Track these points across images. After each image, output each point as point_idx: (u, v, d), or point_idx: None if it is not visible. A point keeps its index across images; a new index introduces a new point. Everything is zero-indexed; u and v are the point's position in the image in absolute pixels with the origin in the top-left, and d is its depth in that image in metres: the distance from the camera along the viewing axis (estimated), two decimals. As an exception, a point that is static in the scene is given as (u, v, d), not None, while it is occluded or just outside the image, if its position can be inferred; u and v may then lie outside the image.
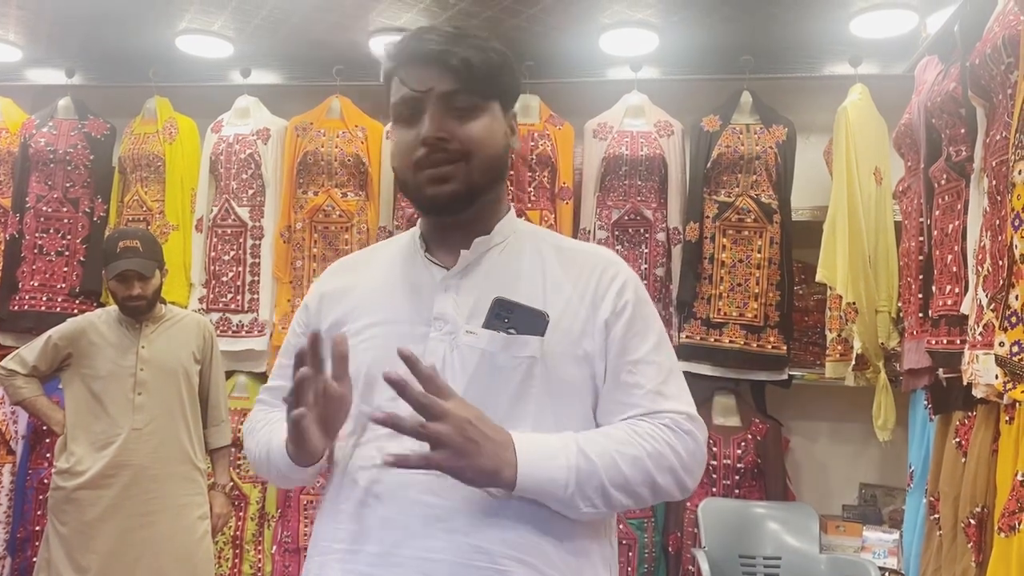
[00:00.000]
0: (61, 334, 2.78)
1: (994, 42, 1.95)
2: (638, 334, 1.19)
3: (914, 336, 2.61)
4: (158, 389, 2.75)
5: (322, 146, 3.53)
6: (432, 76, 1.15)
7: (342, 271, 1.34)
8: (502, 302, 1.14)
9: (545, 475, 1.07)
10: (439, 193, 1.16)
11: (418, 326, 1.18)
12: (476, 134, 1.17)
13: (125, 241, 2.73)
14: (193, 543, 2.79)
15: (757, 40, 3.32)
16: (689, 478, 1.16)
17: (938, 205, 2.40)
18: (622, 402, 1.17)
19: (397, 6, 3.14)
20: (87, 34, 3.56)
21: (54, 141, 3.69)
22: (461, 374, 1.13)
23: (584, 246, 1.31)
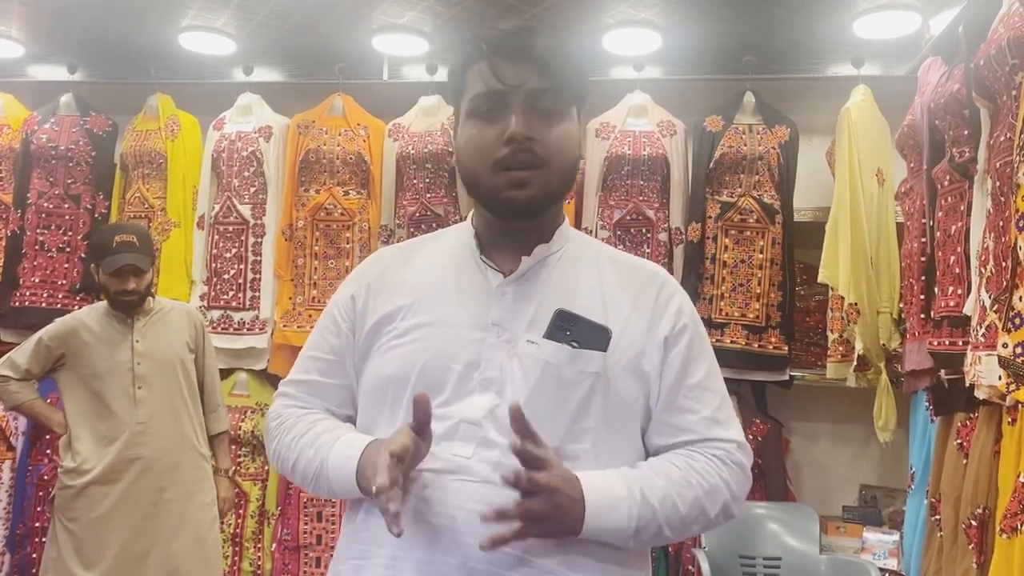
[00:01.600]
0: (52, 335, 2.76)
1: (999, 43, 1.94)
2: (696, 358, 1.18)
3: (916, 337, 2.60)
4: (158, 382, 2.76)
5: (324, 144, 3.53)
6: (523, 72, 1.11)
7: (388, 263, 1.27)
8: (564, 314, 1.11)
9: (609, 526, 1.06)
10: (518, 198, 1.12)
11: (473, 330, 1.13)
12: (560, 139, 1.13)
13: (121, 236, 2.71)
14: (203, 530, 2.82)
15: (760, 40, 3.32)
16: (736, 508, 1.16)
17: (941, 206, 2.40)
18: (676, 426, 1.16)
19: (400, 4, 3.14)
20: (89, 30, 3.56)
21: (56, 137, 3.69)
22: (523, 384, 1.10)
23: (637, 260, 1.28)
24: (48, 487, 3.47)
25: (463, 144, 1.17)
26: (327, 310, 1.29)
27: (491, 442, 1.08)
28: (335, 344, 1.24)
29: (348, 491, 1.12)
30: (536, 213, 1.16)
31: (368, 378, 1.19)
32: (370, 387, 1.19)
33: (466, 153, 1.16)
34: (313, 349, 1.27)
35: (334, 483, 1.13)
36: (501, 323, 1.13)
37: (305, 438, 1.19)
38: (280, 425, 1.24)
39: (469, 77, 1.15)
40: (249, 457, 3.53)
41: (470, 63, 1.15)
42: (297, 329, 3.51)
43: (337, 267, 3.53)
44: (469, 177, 1.17)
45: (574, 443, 1.09)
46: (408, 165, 3.48)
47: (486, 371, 1.11)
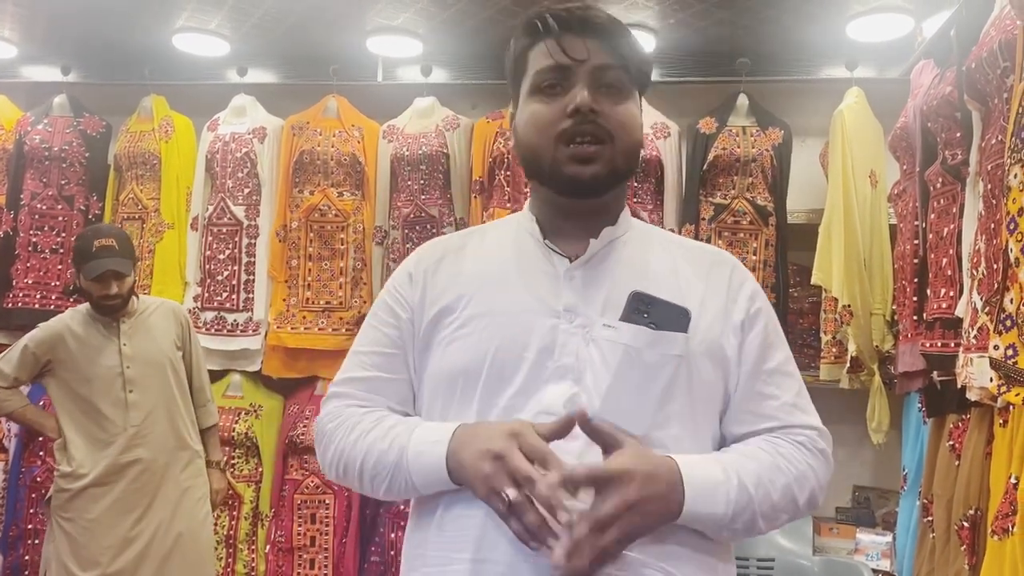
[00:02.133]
0: (37, 342, 2.75)
1: (990, 46, 1.95)
2: (772, 343, 1.15)
3: (908, 339, 2.61)
4: (148, 384, 2.77)
5: (318, 145, 3.53)
6: (590, 46, 1.10)
7: (445, 251, 1.22)
8: (640, 296, 1.07)
9: (707, 511, 1.02)
10: (581, 173, 1.09)
11: (543, 317, 1.09)
12: (624, 117, 1.11)
13: (100, 240, 2.69)
14: (197, 525, 2.85)
15: (754, 43, 3.33)
16: (821, 495, 1.13)
17: (933, 208, 2.41)
18: (757, 413, 1.13)
19: (394, 6, 3.13)
20: (83, 31, 3.55)
21: (49, 138, 3.68)
22: (603, 370, 1.05)
23: (702, 244, 1.27)
24: (41, 489, 3.46)
25: (524, 120, 1.14)
26: (380, 302, 1.22)
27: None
28: (394, 336, 1.18)
29: (432, 482, 1.06)
30: (600, 191, 1.12)
31: (433, 372, 1.14)
32: (436, 381, 1.13)
33: (527, 128, 1.13)
34: (369, 344, 1.20)
35: (415, 474, 1.06)
36: (573, 308, 1.09)
37: (374, 432, 1.12)
38: (340, 425, 1.16)
39: (532, 56, 1.14)
40: (243, 459, 3.52)
41: (533, 43, 1.14)
42: (291, 330, 3.50)
43: (331, 268, 3.53)
44: (529, 153, 1.13)
45: (661, 430, 1.05)
46: (402, 166, 3.48)
47: (561, 358, 1.07)
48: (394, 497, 1.14)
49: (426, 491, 1.08)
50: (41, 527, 3.47)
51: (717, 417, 1.13)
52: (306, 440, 3.42)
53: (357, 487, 1.15)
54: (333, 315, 3.51)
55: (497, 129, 3.47)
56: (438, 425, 1.09)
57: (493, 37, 3.36)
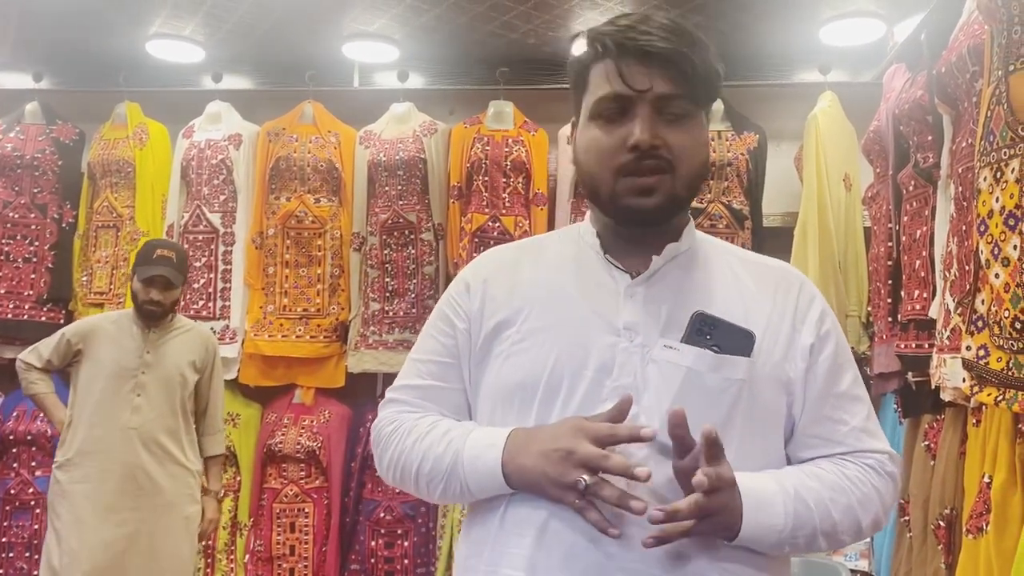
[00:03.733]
0: (75, 331, 2.93)
1: (959, 51, 1.98)
2: (841, 366, 1.12)
3: (884, 340, 2.64)
4: (156, 393, 2.86)
5: (295, 151, 3.51)
6: (653, 75, 1.05)
7: (503, 262, 1.20)
8: (704, 317, 1.04)
9: (767, 521, 1.00)
10: (642, 206, 1.06)
11: (603, 334, 1.06)
12: (687, 144, 1.07)
13: (163, 250, 2.90)
14: (174, 541, 2.87)
15: (728, 48, 3.35)
16: (886, 519, 1.11)
17: (906, 211, 2.44)
18: (825, 438, 1.10)
19: (370, 12, 3.13)
20: (55, 38, 3.52)
21: (21, 146, 3.64)
22: (664, 392, 1.03)
23: (770, 260, 1.21)
24: (14, 502, 3.44)
25: (584, 146, 1.11)
26: (437, 310, 1.21)
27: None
28: (450, 345, 1.17)
29: (487, 487, 1.05)
30: (660, 221, 1.10)
31: (489, 385, 1.12)
32: (493, 394, 1.12)
33: (586, 156, 1.10)
34: (426, 352, 1.19)
35: (470, 478, 1.05)
36: (633, 327, 1.06)
37: (430, 436, 1.11)
38: (397, 429, 1.15)
39: (593, 75, 1.10)
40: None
41: (595, 59, 1.09)
42: (268, 338, 3.48)
43: (308, 275, 3.51)
44: (588, 180, 1.11)
45: None
46: (380, 172, 3.48)
47: (620, 378, 1.04)
48: (449, 501, 1.13)
49: (481, 495, 1.08)
50: (15, 539, 3.43)
51: (780, 441, 1.11)
52: (284, 448, 3.40)
53: (414, 491, 1.15)
54: (311, 322, 3.49)
55: (475, 134, 3.47)
56: (493, 430, 1.08)
57: (469, 42, 3.37)
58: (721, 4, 3.00)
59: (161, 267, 2.82)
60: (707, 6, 3.02)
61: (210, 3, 3.11)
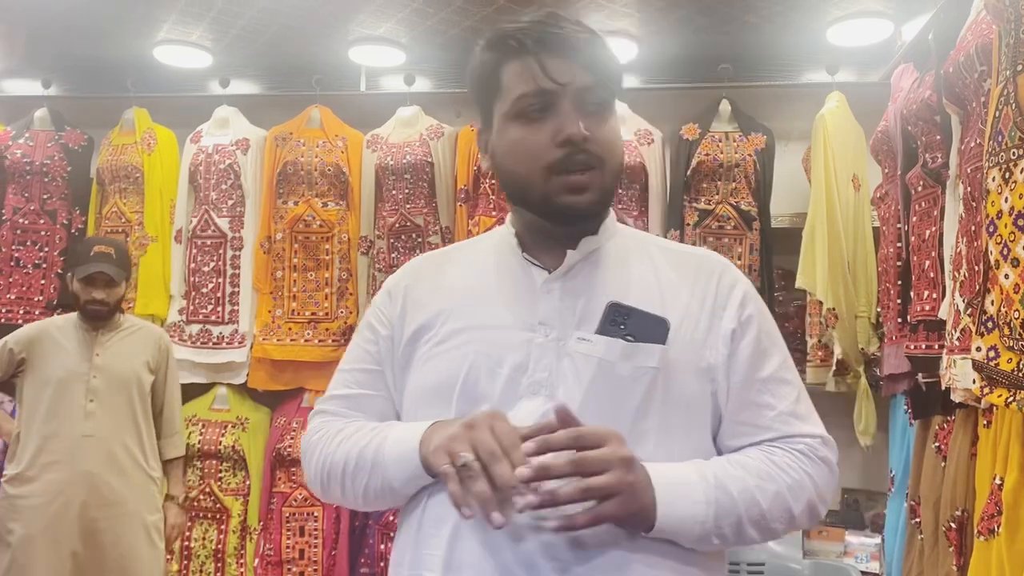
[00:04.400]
0: (17, 339, 2.80)
1: (967, 50, 1.97)
2: (766, 350, 1.10)
3: (893, 341, 2.63)
4: (110, 397, 2.76)
5: (302, 156, 3.52)
6: (571, 68, 1.04)
7: (425, 269, 1.21)
8: (617, 307, 1.03)
9: (685, 512, 0.98)
10: (577, 203, 1.06)
11: (519, 331, 1.06)
12: (609, 137, 1.08)
13: (100, 247, 2.77)
14: (139, 550, 2.78)
15: (735, 49, 3.35)
16: (823, 507, 1.09)
17: (915, 211, 2.43)
18: (752, 424, 1.08)
19: (376, 16, 3.14)
20: (63, 45, 3.54)
21: (31, 153, 3.66)
22: (576, 385, 1.02)
23: (691, 248, 1.21)
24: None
25: (505, 147, 1.09)
26: (363, 322, 1.22)
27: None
28: (374, 352, 1.17)
29: (407, 474, 1.04)
30: (594, 216, 1.10)
31: (411, 389, 1.13)
32: (415, 397, 1.12)
33: (511, 158, 1.09)
34: (351, 362, 1.20)
35: (391, 464, 1.05)
36: (548, 322, 1.06)
37: (357, 435, 1.11)
38: (322, 437, 1.15)
39: (507, 75, 1.08)
40: (230, 472, 3.50)
41: (507, 60, 1.08)
42: (276, 342, 3.49)
43: (316, 279, 3.52)
44: (517, 183, 1.09)
45: (635, 445, 1.00)
46: (387, 176, 3.48)
47: (534, 374, 1.04)
48: (374, 502, 1.12)
49: (400, 486, 1.06)
50: None
51: (706, 431, 1.09)
52: (293, 452, 3.40)
53: (339, 494, 1.13)
54: (319, 326, 3.50)
55: (481, 138, 3.47)
56: (416, 424, 1.07)
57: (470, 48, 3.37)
58: (728, 6, 3.00)
59: (101, 264, 2.71)
60: (714, 8, 3.01)
61: (217, 9, 3.12)
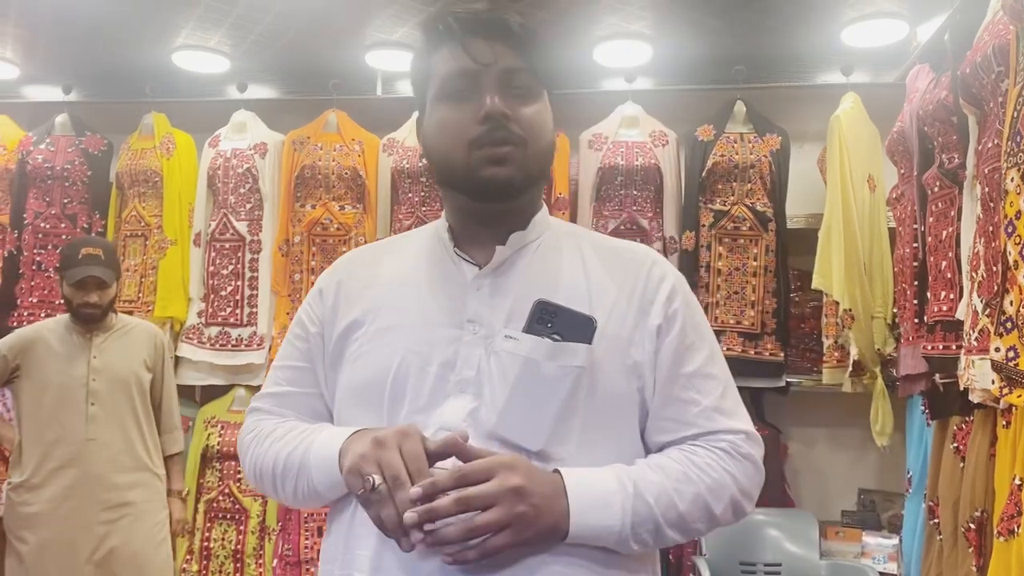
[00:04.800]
0: (9, 346, 2.77)
1: (984, 51, 1.97)
2: (692, 345, 1.10)
3: (910, 342, 2.63)
4: (111, 399, 2.75)
5: (319, 160, 3.55)
6: (496, 49, 1.06)
7: (359, 264, 1.21)
8: (545, 305, 1.02)
9: (599, 522, 0.98)
10: (496, 175, 1.05)
11: (448, 328, 1.06)
12: (535, 119, 1.08)
13: (87, 248, 2.74)
14: (151, 549, 2.79)
15: (750, 50, 3.35)
16: (748, 503, 1.09)
17: (932, 212, 2.43)
18: (676, 420, 1.08)
19: (393, 20, 3.16)
20: (84, 51, 3.57)
21: (52, 158, 3.70)
22: (501, 384, 1.02)
23: (624, 243, 1.20)
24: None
25: (433, 127, 1.10)
26: (295, 318, 1.21)
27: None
28: (304, 350, 1.17)
29: (329, 481, 1.04)
30: (514, 193, 1.08)
31: (343, 386, 1.13)
32: (344, 395, 1.12)
33: (437, 136, 1.09)
34: (283, 359, 1.20)
35: (315, 470, 1.05)
36: (477, 319, 1.06)
37: (285, 438, 1.12)
38: (255, 437, 1.16)
39: (436, 60, 1.10)
40: (249, 473, 3.52)
41: (438, 46, 1.10)
42: (295, 344, 3.51)
43: (334, 282, 3.54)
44: (441, 161, 1.10)
45: (560, 445, 1.01)
46: (403, 179, 3.50)
47: (462, 371, 1.04)
48: (303, 502, 1.13)
49: (327, 492, 1.07)
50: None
51: (634, 428, 1.09)
52: (312, 453, 3.42)
53: (271, 493, 1.15)
54: (337, 328, 3.52)
55: (496, 140, 3.49)
56: (342, 428, 1.08)
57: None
58: (743, 8, 3.00)
59: (91, 267, 2.69)
60: (728, 10, 3.02)
61: (236, 14, 3.15)
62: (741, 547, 3.07)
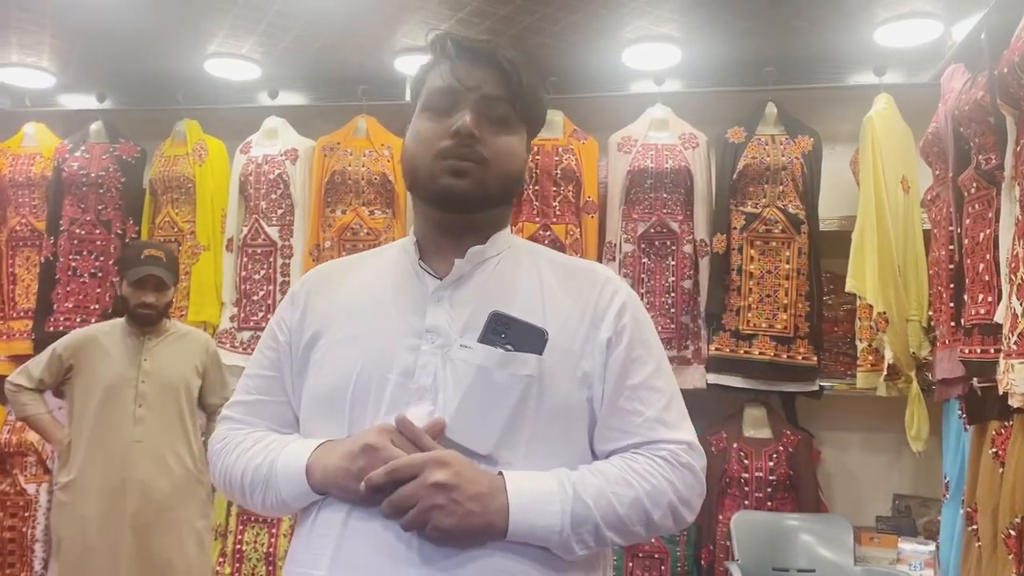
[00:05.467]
0: (65, 346, 2.82)
1: (1022, 50, 1.94)
2: (639, 358, 1.15)
3: (946, 345, 2.59)
4: (159, 402, 2.77)
5: (349, 165, 3.57)
6: (483, 76, 1.14)
7: (328, 275, 1.26)
8: (499, 317, 1.08)
9: (538, 521, 1.03)
10: (453, 186, 1.12)
11: (408, 338, 1.12)
12: (502, 147, 1.15)
13: (150, 250, 2.79)
14: (190, 556, 2.80)
15: (780, 51, 3.33)
16: (687, 511, 1.13)
17: (968, 213, 2.39)
18: (620, 430, 1.13)
19: (422, 27, 3.17)
20: (117, 60, 3.63)
21: (87, 165, 3.76)
22: (455, 390, 1.07)
23: (580, 261, 1.27)
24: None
25: (411, 136, 1.18)
26: (268, 327, 1.26)
27: None
28: (273, 359, 1.23)
29: (297, 493, 1.10)
30: (468, 206, 1.14)
31: (306, 394, 1.17)
32: (309, 403, 1.17)
33: (411, 144, 1.17)
34: (253, 367, 1.25)
35: (283, 485, 1.11)
36: (436, 329, 1.12)
37: (252, 450, 1.17)
38: (225, 447, 1.22)
39: (430, 76, 1.18)
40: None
41: (435, 64, 1.18)
42: (326, 349, 3.53)
43: (364, 286, 3.56)
44: (409, 167, 1.17)
45: (508, 450, 1.07)
46: (432, 184, 3.51)
47: (420, 379, 1.09)
48: (271, 511, 1.18)
49: (293, 503, 1.12)
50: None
51: (582, 436, 1.14)
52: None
53: (240, 502, 1.21)
54: (367, 332, 3.54)
55: (525, 144, 3.49)
56: (307, 441, 1.13)
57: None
58: (773, 8, 2.98)
59: (151, 267, 2.73)
60: (758, 11, 3.00)
61: (266, 22, 3.18)
62: (774, 552, 3.04)
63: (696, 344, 3.39)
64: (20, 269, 3.83)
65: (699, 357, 3.37)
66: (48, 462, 3.71)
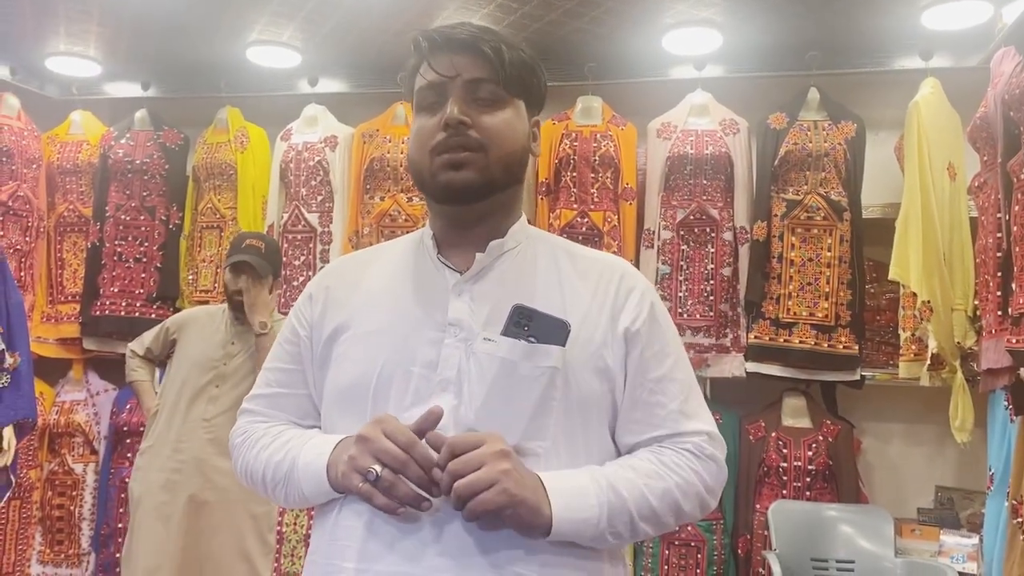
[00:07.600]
0: (175, 320, 2.98)
1: (1076, 32, 1.89)
2: (659, 351, 1.16)
3: (992, 335, 2.54)
4: (235, 386, 2.81)
5: (388, 152, 3.59)
6: (460, 63, 1.13)
7: (346, 269, 1.27)
8: (522, 309, 1.09)
9: (578, 515, 1.04)
10: (453, 179, 1.12)
11: (431, 331, 1.12)
12: (497, 125, 1.13)
13: (251, 240, 2.86)
14: (242, 539, 2.80)
15: (824, 35, 3.27)
16: (712, 499, 1.15)
17: (1017, 200, 2.34)
18: (644, 422, 1.15)
19: (461, 13, 3.17)
20: (161, 48, 3.68)
21: (132, 152, 3.82)
22: (479, 383, 1.08)
23: (598, 253, 1.27)
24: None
25: (411, 137, 1.18)
26: (286, 322, 1.27)
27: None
28: (294, 352, 1.23)
29: (318, 492, 1.11)
30: (473, 197, 1.14)
31: (328, 387, 1.18)
32: (331, 396, 1.18)
33: (411, 146, 1.18)
34: (273, 360, 1.26)
35: (304, 483, 1.12)
36: (459, 322, 1.12)
37: (273, 446, 1.18)
38: (245, 440, 1.24)
39: (416, 79, 1.18)
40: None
41: (417, 64, 1.17)
42: (364, 334, 3.56)
43: (402, 272, 3.58)
44: (413, 169, 1.18)
45: (533, 440, 1.08)
46: (470, 170, 3.52)
47: (444, 372, 1.09)
48: (295, 505, 1.20)
49: (316, 500, 1.14)
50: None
51: (606, 428, 1.15)
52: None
53: (263, 495, 1.22)
54: (405, 318, 3.56)
55: (563, 131, 3.48)
56: (327, 437, 1.14)
57: (556, 39, 3.38)
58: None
59: (247, 255, 2.77)
60: (802, -6, 2.95)
61: (307, 10, 3.20)
62: (812, 543, 3.02)
63: (735, 332, 3.36)
64: (68, 254, 3.91)
65: (738, 345, 3.35)
66: (95, 443, 3.80)
